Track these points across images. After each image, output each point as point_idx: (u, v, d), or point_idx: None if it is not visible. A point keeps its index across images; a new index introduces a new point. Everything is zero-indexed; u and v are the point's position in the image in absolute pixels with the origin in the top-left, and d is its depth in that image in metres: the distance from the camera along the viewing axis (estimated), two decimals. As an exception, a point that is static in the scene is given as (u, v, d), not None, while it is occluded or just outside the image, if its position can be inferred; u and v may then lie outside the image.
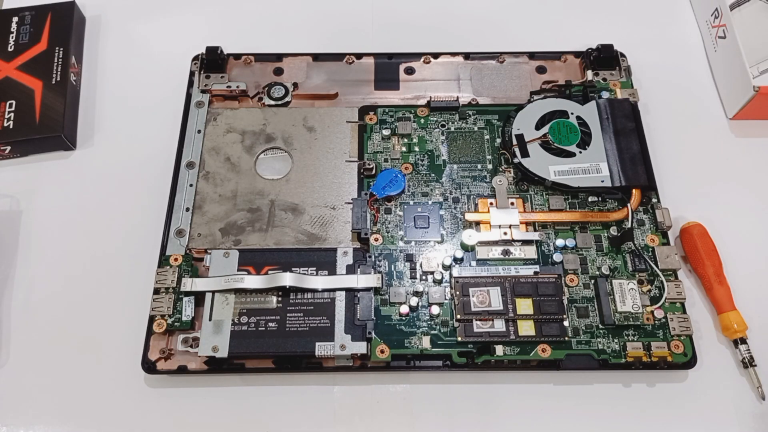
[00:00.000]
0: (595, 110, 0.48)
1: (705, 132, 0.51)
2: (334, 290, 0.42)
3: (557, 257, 0.43)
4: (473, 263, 0.44)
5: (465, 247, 0.44)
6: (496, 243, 0.44)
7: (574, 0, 0.59)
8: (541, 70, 0.53)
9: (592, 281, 0.43)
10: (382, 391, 0.42)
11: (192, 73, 0.52)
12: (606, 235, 0.45)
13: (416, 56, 0.53)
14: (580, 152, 0.46)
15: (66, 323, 0.44)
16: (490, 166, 0.48)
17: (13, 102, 0.50)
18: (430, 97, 0.50)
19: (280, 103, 0.51)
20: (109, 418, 0.41)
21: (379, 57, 0.53)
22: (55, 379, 0.42)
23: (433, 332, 0.41)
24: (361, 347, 0.40)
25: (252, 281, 0.41)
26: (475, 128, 0.49)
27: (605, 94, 0.49)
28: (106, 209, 0.48)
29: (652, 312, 0.42)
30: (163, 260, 0.43)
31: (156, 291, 0.42)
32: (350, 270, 0.43)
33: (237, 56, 0.53)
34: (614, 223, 0.45)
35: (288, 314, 0.41)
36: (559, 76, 0.52)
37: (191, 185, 0.47)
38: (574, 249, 0.44)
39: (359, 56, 0.53)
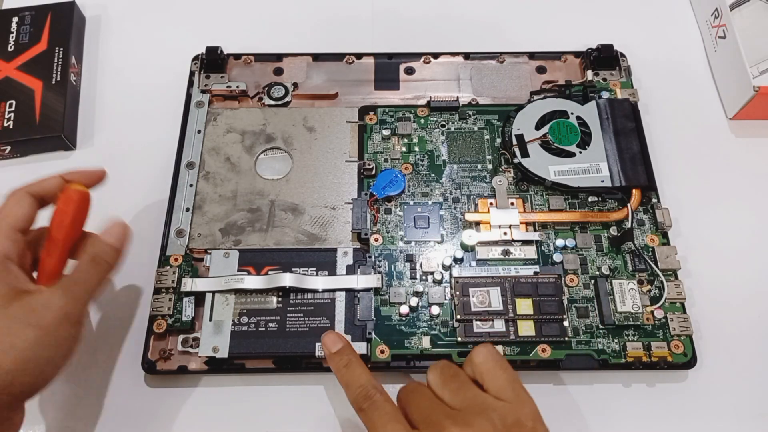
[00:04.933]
0: (595, 110, 0.48)
1: (705, 132, 0.51)
2: (334, 291, 0.42)
3: (557, 257, 0.43)
4: (473, 263, 0.44)
5: (465, 247, 0.44)
6: (496, 243, 0.44)
7: (574, 0, 0.59)
8: (541, 70, 0.53)
9: (592, 281, 0.43)
10: (382, 391, 0.42)
11: (192, 73, 0.52)
12: (606, 235, 0.45)
13: (416, 56, 0.53)
14: (580, 152, 0.46)
15: (66, 323, 0.44)
16: (490, 166, 0.48)
17: (13, 102, 0.50)
18: (430, 97, 0.50)
19: (280, 103, 0.51)
20: (109, 418, 0.41)
21: (379, 57, 0.53)
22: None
23: (433, 332, 0.42)
24: (361, 347, 0.40)
25: (252, 281, 0.41)
26: (475, 128, 0.49)
27: (605, 94, 0.49)
28: (105, 209, 0.48)
29: (652, 312, 0.42)
30: (163, 260, 0.43)
31: (156, 291, 0.42)
32: (350, 270, 0.43)
33: (237, 56, 0.53)
34: (614, 223, 0.45)
35: (288, 314, 0.41)
36: (559, 76, 0.52)
37: (191, 185, 0.47)
38: (574, 249, 0.44)
39: (359, 56, 0.53)
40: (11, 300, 0.34)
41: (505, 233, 0.44)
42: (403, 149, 0.48)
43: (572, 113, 0.48)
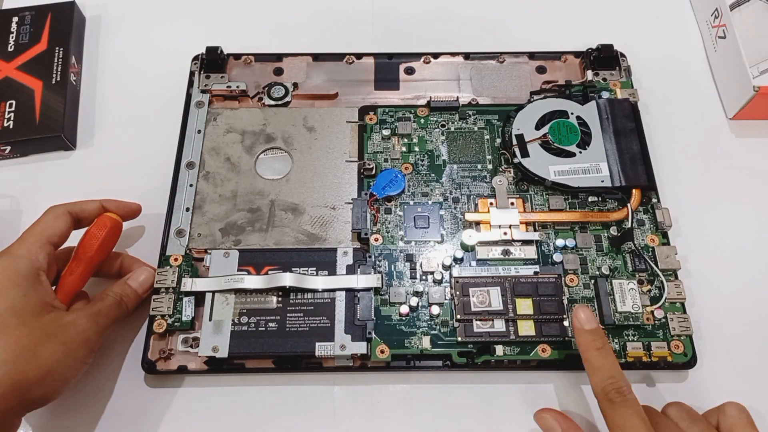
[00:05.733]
0: (595, 110, 0.48)
1: (705, 132, 0.51)
2: (334, 290, 0.42)
3: (557, 257, 0.43)
4: (473, 263, 0.44)
5: (465, 247, 0.44)
6: (496, 243, 0.44)
7: (574, 0, 0.59)
8: (541, 70, 0.53)
9: (592, 281, 0.43)
10: (382, 391, 0.42)
11: (192, 73, 0.52)
12: (606, 235, 0.45)
13: (416, 56, 0.53)
14: (580, 152, 0.46)
15: (66, 323, 0.44)
16: (490, 166, 0.48)
17: (13, 102, 0.50)
18: (430, 97, 0.50)
19: (280, 103, 0.51)
20: (109, 418, 0.41)
21: (379, 57, 0.53)
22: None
23: (433, 332, 0.42)
24: (361, 347, 0.40)
25: (252, 281, 0.41)
26: (475, 128, 0.49)
27: (605, 94, 0.49)
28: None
29: (652, 312, 0.42)
30: (163, 260, 0.43)
31: (156, 291, 0.42)
32: (350, 270, 0.43)
33: (237, 56, 0.53)
34: (614, 223, 0.45)
35: (288, 314, 0.41)
36: (559, 76, 0.52)
37: (191, 185, 0.47)
38: (574, 249, 0.44)
39: (359, 56, 0.53)
40: (42, 313, 0.36)
41: (505, 233, 0.44)
42: (403, 149, 0.48)
43: (572, 113, 0.48)
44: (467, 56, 0.53)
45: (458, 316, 0.41)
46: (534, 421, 0.38)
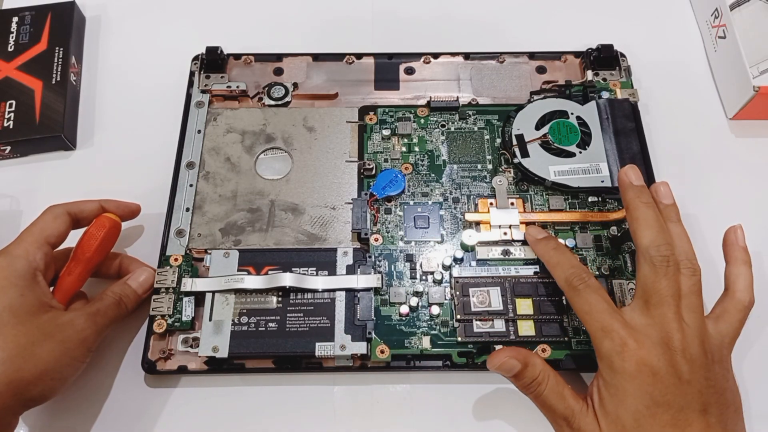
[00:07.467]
0: (595, 110, 0.48)
1: (705, 132, 0.51)
2: (334, 290, 0.42)
3: (557, 257, 0.43)
4: (473, 263, 0.44)
5: (465, 247, 0.44)
6: (496, 243, 0.44)
7: (574, 0, 0.59)
8: (541, 70, 0.53)
9: (592, 281, 0.43)
10: (382, 391, 0.42)
11: (192, 73, 0.52)
12: (606, 235, 0.45)
13: (416, 56, 0.53)
14: (580, 152, 0.46)
15: (66, 323, 0.44)
16: (490, 166, 0.48)
17: (13, 102, 0.50)
18: (430, 97, 0.50)
19: (280, 103, 0.51)
20: (109, 418, 0.41)
21: (379, 57, 0.53)
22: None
23: (433, 332, 0.42)
24: (361, 347, 0.40)
25: (252, 281, 0.41)
26: (475, 128, 0.49)
27: (605, 94, 0.49)
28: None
29: (652, 312, 0.42)
30: (163, 260, 0.43)
31: (156, 291, 0.42)
32: (350, 270, 0.43)
33: (237, 56, 0.53)
34: (614, 223, 0.45)
35: (288, 314, 0.41)
36: (559, 76, 0.52)
37: (191, 185, 0.47)
38: (574, 249, 0.44)
39: (359, 56, 0.53)
40: (39, 312, 0.37)
41: (505, 233, 0.44)
42: (403, 149, 0.48)
43: (572, 113, 0.48)
44: (467, 56, 0.53)
45: (458, 316, 0.41)
46: (490, 370, 0.37)
